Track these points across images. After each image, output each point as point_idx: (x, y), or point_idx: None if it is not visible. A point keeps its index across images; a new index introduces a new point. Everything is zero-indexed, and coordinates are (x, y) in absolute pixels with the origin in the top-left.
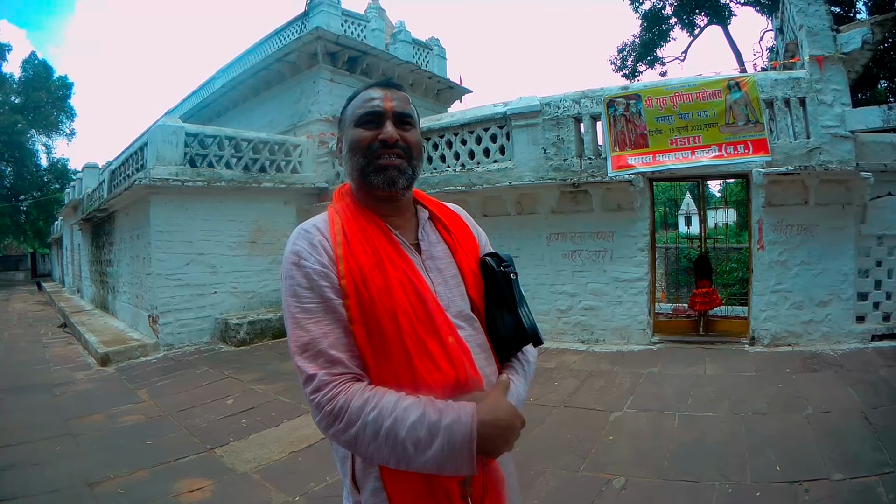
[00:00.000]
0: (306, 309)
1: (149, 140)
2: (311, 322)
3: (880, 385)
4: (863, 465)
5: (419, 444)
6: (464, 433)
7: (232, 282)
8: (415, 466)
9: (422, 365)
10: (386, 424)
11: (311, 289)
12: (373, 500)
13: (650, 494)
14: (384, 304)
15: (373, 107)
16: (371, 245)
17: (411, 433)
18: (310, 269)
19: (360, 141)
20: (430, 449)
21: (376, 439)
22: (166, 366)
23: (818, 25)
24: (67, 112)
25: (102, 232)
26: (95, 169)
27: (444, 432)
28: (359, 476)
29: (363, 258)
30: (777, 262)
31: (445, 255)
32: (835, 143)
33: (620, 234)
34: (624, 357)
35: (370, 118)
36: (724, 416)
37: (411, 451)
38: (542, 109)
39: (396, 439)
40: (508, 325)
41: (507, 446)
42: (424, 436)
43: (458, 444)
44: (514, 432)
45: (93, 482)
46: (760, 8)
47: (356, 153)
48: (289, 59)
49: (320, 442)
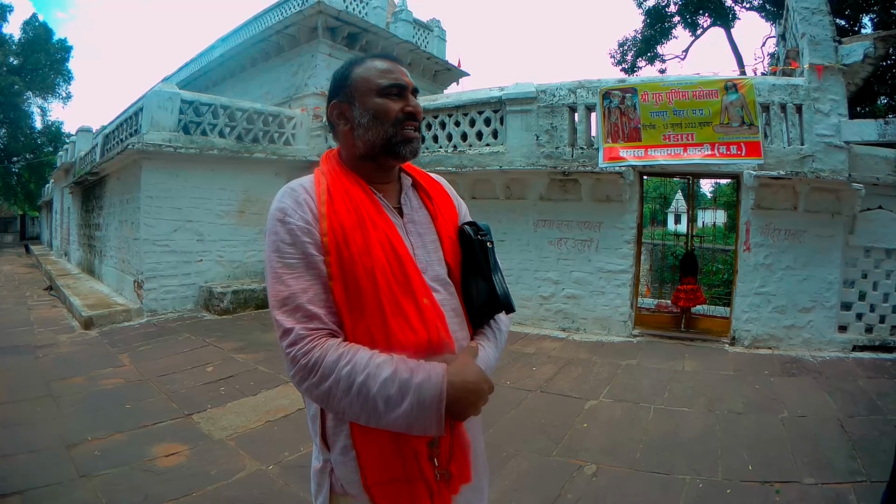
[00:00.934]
0: (288, 264)
1: (144, 105)
2: (292, 277)
3: (858, 395)
4: (836, 471)
5: (389, 401)
6: (433, 392)
7: (218, 250)
8: (385, 424)
9: (396, 324)
10: (358, 380)
11: (294, 245)
12: (342, 458)
13: (620, 483)
14: (363, 262)
15: (396, 79)
16: (354, 205)
17: (382, 390)
18: (294, 225)
19: (389, 112)
20: (399, 407)
21: (348, 394)
22: (149, 331)
23: (820, 35)
24: (65, 75)
25: (93, 196)
26: (89, 133)
27: (415, 391)
28: (329, 434)
29: (346, 217)
30: (762, 264)
31: (426, 220)
32: (828, 152)
33: (607, 226)
34: (603, 347)
35: (395, 90)
36: (699, 412)
37: (381, 407)
38: (537, 96)
39: (368, 395)
40: (482, 292)
41: (473, 409)
42: (395, 393)
43: (427, 403)
44: (482, 396)
45: (71, 444)
46: (765, 14)
47: (384, 122)
48: (288, 32)
49: (296, 412)
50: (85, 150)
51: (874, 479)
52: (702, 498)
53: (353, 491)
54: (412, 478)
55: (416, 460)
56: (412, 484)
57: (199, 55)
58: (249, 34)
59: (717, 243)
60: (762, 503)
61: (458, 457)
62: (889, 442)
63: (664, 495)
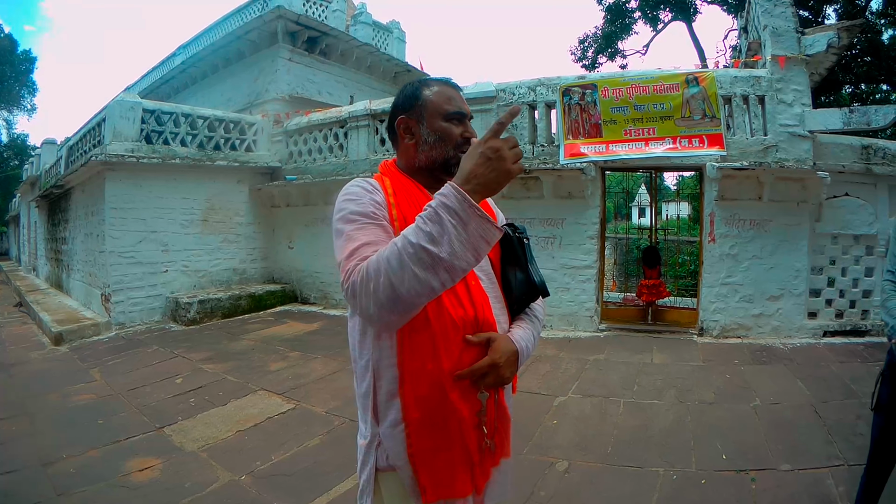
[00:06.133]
0: (360, 227)
1: (107, 116)
2: (363, 234)
3: (832, 380)
4: (812, 457)
5: (432, 237)
6: (455, 195)
7: (183, 260)
8: (449, 261)
9: (448, 301)
10: (399, 245)
11: (366, 215)
12: (391, 430)
13: (593, 478)
14: None
15: (460, 108)
16: (415, 200)
17: (420, 233)
18: (367, 201)
19: (452, 136)
20: (444, 233)
21: (403, 265)
22: (118, 345)
23: (783, 26)
24: (30, 87)
25: (58, 209)
26: (54, 145)
27: (441, 209)
28: (381, 408)
29: (407, 209)
30: (728, 254)
31: None
32: (793, 141)
33: (570, 222)
34: (570, 343)
35: (458, 117)
36: (669, 404)
37: (434, 249)
38: (497, 95)
39: (417, 249)
40: (520, 281)
41: (512, 370)
42: (433, 226)
43: (457, 205)
44: (517, 360)
45: (48, 462)
46: (727, 7)
47: (447, 144)
48: (249, 38)
49: (266, 421)
50: (50, 163)
51: (852, 463)
52: (677, 490)
53: (398, 462)
54: (454, 446)
55: (460, 429)
56: (453, 452)
57: (162, 63)
58: (211, 40)
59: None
60: (738, 492)
61: (501, 429)
62: (865, 425)
63: (638, 488)
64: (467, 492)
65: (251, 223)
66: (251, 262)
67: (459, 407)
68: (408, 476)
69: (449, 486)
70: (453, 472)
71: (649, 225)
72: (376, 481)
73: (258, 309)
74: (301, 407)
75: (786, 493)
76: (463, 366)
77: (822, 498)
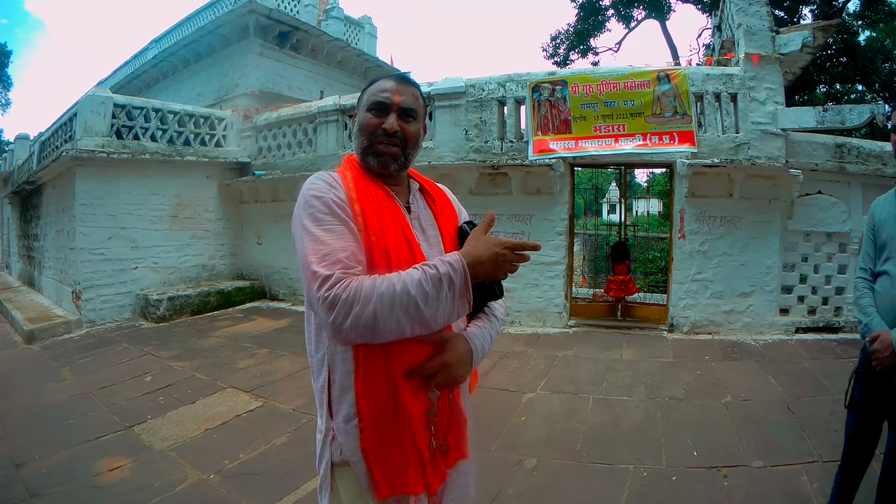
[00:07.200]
0: (328, 229)
1: (78, 111)
2: (332, 238)
3: (803, 376)
4: (785, 453)
5: (427, 298)
6: (462, 274)
7: (153, 257)
8: (428, 320)
9: None
10: (397, 289)
11: (332, 214)
12: (344, 425)
13: (562, 476)
14: (380, 244)
15: (384, 98)
16: (374, 195)
17: (420, 290)
18: (330, 199)
19: (367, 126)
20: (437, 299)
21: (392, 307)
22: (88, 343)
23: (757, 25)
24: (4, 81)
25: (31, 205)
26: (27, 140)
27: (445, 279)
28: (335, 402)
29: (367, 204)
30: (698, 251)
31: (430, 219)
32: (765, 139)
33: (539, 218)
34: (539, 339)
35: (379, 107)
36: (639, 400)
37: (423, 307)
38: (466, 91)
39: (411, 301)
40: None
41: (465, 370)
42: (431, 289)
43: (459, 283)
44: (471, 360)
45: (20, 463)
46: (701, 6)
47: (362, 134)
48: (220, 32)
49: (234, 419)
50: (23, 159)
51: (826, 459)
52: (647, 486)
53: (353, 458)
54: (405, 444)
55: (410, 426)
56: (405, 450)
57: (134, 57)
58: (182, 35)
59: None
60: (710, 489)
61: (455, 430)
62: (839, 422)
63: (608, 485)
64: (420, 490)
65: (220, 219)
66: (220, 259)
67: (409, 404)
68: (362, 471)
69: (402, 483)
70: (405, 469)
71: (619, 221)
72: (332, 476)
73: (227, 305)
74: (269, 404)
75: (758, 489)
76: (416, 363)
77: (795, 494)
